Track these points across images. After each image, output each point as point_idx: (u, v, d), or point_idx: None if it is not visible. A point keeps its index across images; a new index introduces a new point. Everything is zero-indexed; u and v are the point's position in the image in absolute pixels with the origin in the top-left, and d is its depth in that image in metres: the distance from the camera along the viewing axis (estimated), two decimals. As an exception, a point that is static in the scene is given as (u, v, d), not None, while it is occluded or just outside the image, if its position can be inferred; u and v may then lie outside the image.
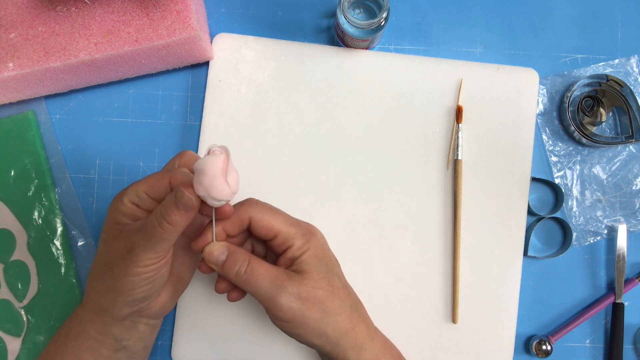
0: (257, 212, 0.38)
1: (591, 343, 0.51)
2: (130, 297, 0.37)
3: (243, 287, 0.38)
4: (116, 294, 0.37)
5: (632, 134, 0.51)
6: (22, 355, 0.49)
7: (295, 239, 0.38)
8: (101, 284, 0.38)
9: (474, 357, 0.49)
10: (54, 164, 0.51)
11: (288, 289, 0.37)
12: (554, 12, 0.53)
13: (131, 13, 0.46)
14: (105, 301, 0.38)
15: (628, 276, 0.51)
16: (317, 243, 0.39)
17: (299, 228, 0.38)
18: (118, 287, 0.37)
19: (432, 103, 0.51)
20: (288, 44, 0.51)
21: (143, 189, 0.37)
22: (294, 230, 0.38)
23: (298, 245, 0.38)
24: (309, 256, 0.38)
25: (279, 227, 0.38)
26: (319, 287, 0.38)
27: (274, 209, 0.39)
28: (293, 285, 0.37)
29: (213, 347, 0.49)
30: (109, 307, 0.38)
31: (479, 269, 0.49)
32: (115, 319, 0.39)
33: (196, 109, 0.52)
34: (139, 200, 0.37)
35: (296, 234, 0.38)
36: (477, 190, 0.50)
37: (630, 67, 0.53)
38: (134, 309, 0.38)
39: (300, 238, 0.38)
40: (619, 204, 0.52)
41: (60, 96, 0.52)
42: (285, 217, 0.39)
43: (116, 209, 0.37)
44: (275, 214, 0.38)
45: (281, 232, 0.38)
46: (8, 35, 0.46)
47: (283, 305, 0.37)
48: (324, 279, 0.38)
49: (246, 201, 0.39)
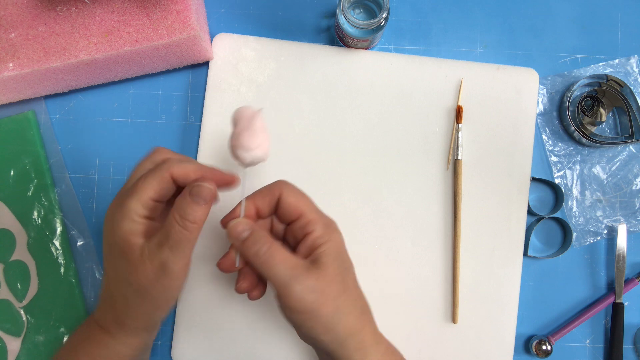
0: (288, 190, 0.38)
1: (591, 343, 0.51)
2: (170, 307, 0.37)
3: (260, 268, 0.36)
4: (160, 313, 0.37)
5: (632, 134, 0.51)
6: (22, 355, 0.49)
7: (317, 226, 0.37)
8: (139, 311, 0.37)
9: (474, 357, 0.49)
10: (53, 164, 0.51)
11: (305, 280, 0.35)
12: (554, 12, 0.53)
13: (131, 13, 0.46)
14: (147, 324, 0.38)
15: (628, 276, 0.51)
16: (338, 237, 0.38)
17: (323, 217, 0.38)
18: (161, 307, 0.37)
19: (432, 103, 0.51)
20: (288, 44, 0.51)
21: (150, 196, 0.35)
22: (317, 217, 0.38)
23: (319, 233, 0.37)
24: (329, 248, 0.37)
25: (305, 210, 0.38)
26: (334, 282, 0.37)
27: (303, 193, 0.39)
28: (310, 276, 0.36)
29: (213, 347, 0.49)
30: (151, 327, 0.39)
31: (479, 269, 0.49)
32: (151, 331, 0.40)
33: (196, 109, 0.52)
34: (150, 211, 0.35)
35: (319, 222, 0.37)
36: (477, 190, 0.50)
37: (630, 67, 0.53)
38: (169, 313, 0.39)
39: (323, 227, 0.37)
40: (619, 204, 0.52)
41: (60, 96, 0.52)
42: (312, 204, 0.39)
43: (129, 232, 0.35)
44: (304, 197, 0.38)
45: (305, 215, 0.37)
46: (8, 35, 0.46)
47: (297, 295, 0.35)
48: (340, 275, 0.37)
49: (278, 181, 0.39)
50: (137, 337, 0.39)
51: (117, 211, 0.35)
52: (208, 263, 0.49)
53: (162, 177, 0.35)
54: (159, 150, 0.39)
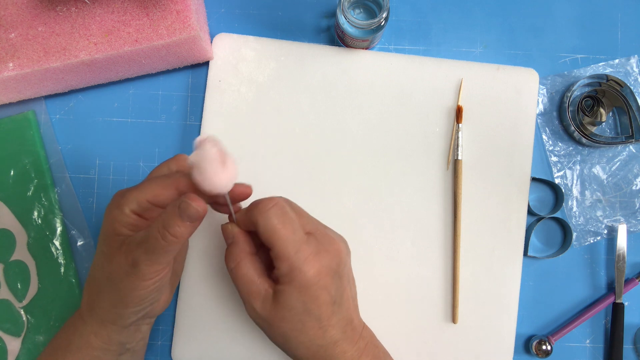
0: (267, 219, 0.35)
1: (591, 343, 0.51)
2: (138, 307, 0.37)
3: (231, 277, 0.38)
4: (123, 307, 0.37)
5: (632, 134, 0.51)
6: (22, 355, 0.49)
7: (282, 264, 0.35)
8: (106, 299, 0.37)
9: (474, 357, 0.49)
10: (53, 164, 0.51)
11: (257, 307, 0.37)
12: (554, 12, 0.53)
13: (131, 13, 0.46)
14: (111, 315, 0.38)
15: (628, 276, 0.51)
16: (305, 282, 0.35)
17: (293, 257, 0.35)
18: (126, 302, 0.36)
19: (432, 103, 0.51)
20: (288, 44, 0.51)
21: (146, 197, 0.35)
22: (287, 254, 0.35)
23: (282, 272, 0.35)
24: (289, 290, 0.35)
25: (275, 244, 0.35)
26: (286, 321, 0.36)
27: (286, 219, 0.36)
28: (264, 308, 0.36)
29: (213, 347, 0.49)
30: (116, 319, 0.38)
31: (479, 269, 0.49)
32: (121, 327, 0.39)
33: (196, 109, 0.52)
34: (142, 210, 0.35)
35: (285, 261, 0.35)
36: (477, 190, 0.50)
37: (630, 67, 0.53)
38: (140, 316, 0.38)
39: (287, 268, 0.35)
40: (619, 204, 0.52)
41: (60, 96, 0.52)
42: (289, 237, 0.35)
43: (116, 220, 0.35)
44: (284, 228, 0.35)
45: (274, 249, 0.35)
46: (8, 35, 0.46)
47: (251, 314, 0.38)
48: (296, 317, 0.36)
49: (262, 202, 0.36)
50: (106, 328, 0.38)
51: (116, 198, 0.36)
52: (208, 263, 0.49)
53: (166, 185, 0.35)
54: (177, 158, 0.38)
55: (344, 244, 0.39)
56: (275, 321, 0.36)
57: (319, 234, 0.37)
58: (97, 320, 0.38)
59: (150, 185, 0.35)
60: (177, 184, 0.35)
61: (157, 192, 0.35)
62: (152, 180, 0.36)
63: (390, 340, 0.46)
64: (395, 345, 0.47)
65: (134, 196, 0.35)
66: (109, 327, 0.38)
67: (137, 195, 0.35)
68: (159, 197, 0.35)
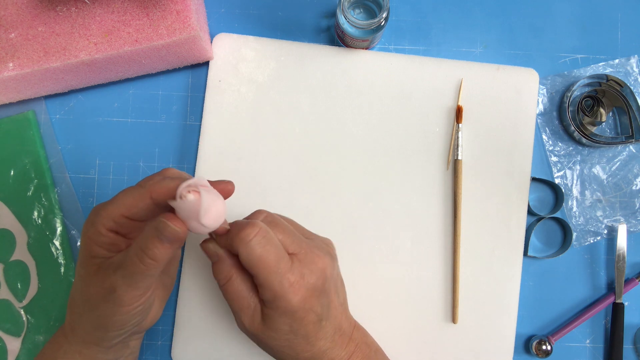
0: (249, 250, 0.33)
1: (591, 343, 0.51)
2: (121, 330, 0.35)
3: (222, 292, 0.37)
4: (104, 332, 0.35)
5: (632, 134, 0.51)
6: (22, 355, 0.49)
7: (265, 292, 0.34)
8: (87, 322, 0.36)
9: (474, 357, 0.49)
10: (53, 164, 0.51)
11: (246, 323, 0.37)
12: (554, 12, 0.53)
13: (131, 13, 0.46)
14: (93, 338, 0.36)
15: (628, 276, 0.51)
16: (289, 308, 0.35)
17: (280, 285, 0.34)
18: (106, 326, 0.35)
19: (432, 103, 0.51)
20: (288, 44, 0.51)
21: (120, 211, 0.32)
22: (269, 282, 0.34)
23: (266, 298, 0.35)
24: (274, 315, 0.35)
25: (257, 273, 0.34)
26: (273, 339, 0.36)
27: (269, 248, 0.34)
28: (253, 324, 0.36)
29: (213, 347, 0.49)
30: (98, 342, 0.36)
31: (479, 269, 0.49)
32: (106, 348, 0.37)
33: (196, 109, 0.52)
34: (117, 226, 0.33)
35: (268, 290, 0.34)
36: (477, 190, 0.50)
37: (630, 67, 0.53)
38: (124, 337, 0.37)
39: (271, 296, 0.34)
40: (619, 204, 0.52)
41: (60, 96, 0.52)
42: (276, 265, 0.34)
43: (92, 240, 0.33)
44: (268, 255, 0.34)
45: (257, 278, 0.34)
46: (8, 35, 0.46)
47: (240, 328, 0.38)
48: (283, 336, 0.36)
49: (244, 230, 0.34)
50: (89, 349, 0.37)
51: (91, 216, 0.34)
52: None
53: (139, 195, 0.33)
54: (164, 171, 0.35)
55: (329, 256, 0.38)
56: (263, 338, 0.37)
57: (302, 253, 0.36)
58: (79, 341, 0.37)
59: (123, 198, 0.33)
60: (151, 192, 0.32)
61: (130, 203, 0.33)
62: (125, 191, 0.33)
63: (390, 340, 0.46)
64: (395, 345, 0.47)
65: (108, 212, 0.33)
66: (92, 348, 0.37)
67: (111, 210, 0.33)
68: (134, 210, 0.33)
